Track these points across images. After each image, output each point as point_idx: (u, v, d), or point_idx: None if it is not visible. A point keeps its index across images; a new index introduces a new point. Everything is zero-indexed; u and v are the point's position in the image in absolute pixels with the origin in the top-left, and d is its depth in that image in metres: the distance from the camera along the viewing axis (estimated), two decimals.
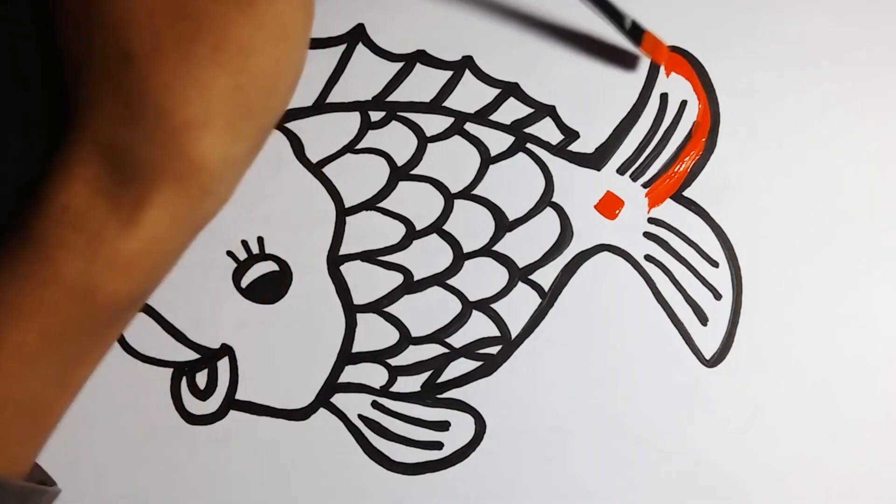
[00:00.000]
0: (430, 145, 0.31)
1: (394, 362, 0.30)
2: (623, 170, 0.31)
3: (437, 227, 0.31)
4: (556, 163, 0.31)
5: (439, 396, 0.30)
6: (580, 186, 0.31)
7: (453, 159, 0.31)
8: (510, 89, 0.31)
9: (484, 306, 0.30)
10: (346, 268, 0.30)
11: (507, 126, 0.31)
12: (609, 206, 0.31)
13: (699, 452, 0.30)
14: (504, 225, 0.31)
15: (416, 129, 0.31)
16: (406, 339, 0.30)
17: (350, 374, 0.30)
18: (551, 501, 0.30)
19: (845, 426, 0.30)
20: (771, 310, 0.30)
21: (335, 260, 0.30)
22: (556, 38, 0.31)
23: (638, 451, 0.30)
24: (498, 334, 0.30)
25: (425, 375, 0.30)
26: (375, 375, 0.30)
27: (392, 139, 0.31)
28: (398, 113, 0.31)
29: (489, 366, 0.30)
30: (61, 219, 0.23)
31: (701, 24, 0.31)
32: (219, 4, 0.23)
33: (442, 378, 0.30)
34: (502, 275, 0.31)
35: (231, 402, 0.30)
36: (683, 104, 0.31)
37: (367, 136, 0.31)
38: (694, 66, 0.31)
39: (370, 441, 0.30)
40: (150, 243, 0.24)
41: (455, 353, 0.30)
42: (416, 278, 0.30)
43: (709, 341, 0.30)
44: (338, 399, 0.30)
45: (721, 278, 0.31)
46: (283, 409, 0.30)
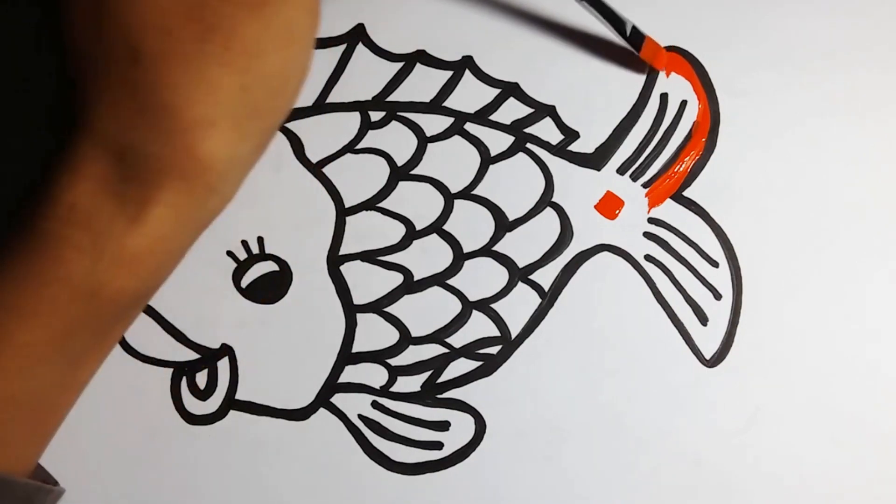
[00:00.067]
0: (430, 145, 0.31)
1: (394, 362, 0.30)
2: (623, 170, 0.31)
3: (437, 227, 0.31)
4: (556, 163, 0.31)
5: (439, 396, 0.30)
6: (580, 186, 0.31)
7: (453, 159, 0.31)
8: (510, 89, 0.31)
9: (484, 306, 0.30)
10: (346, 268, 0.30)
11: (507, 126, 0.31)
12: (609, 206, 0.31)
13: (699, 452, 0.30)
14: (504, 225, 0.31)
15: (416, 129, 0.31)
16: (406, 339, 0.30)
17: (350, 374, 0.30)
18: (551, 501, 0.30)
19: (845, 426, 0.30)
20: (771, 310, 0.30)
21: (335, 260, 0.30)
22: (556, 38, 0.31)
23: (638, 451, 0.30)
24: (498, 334, 0.30)
25: (425, 375, 0.30)
26: (375, 375, 0.30)
27: (392, 139, 0.31)
28: (398, 113, 0.31)
29: (489, 366, 0.30)
30: (68, 217, 0.23)
31: (701, 24, 0.31)
32: (230, 6, 0.23)
33: (442, 378, 0.30)
34: (502, 275, 0.31)
35: (231, 402, 0.30)
36: (683, 104, 0.31)
37: (367, 136, 0.31)
38: (694, 66, 0.31)
39: (370, 441, 0.30)
40: (156, 242, 0.24)
41: (455, 353, 0.30)
42: (416, 278, 0.30)
43: (709, 341, 0.30)
44: (338, 399, 0.30)
45: (721, 278, 0.31)
46: (283, 409, 0.30)
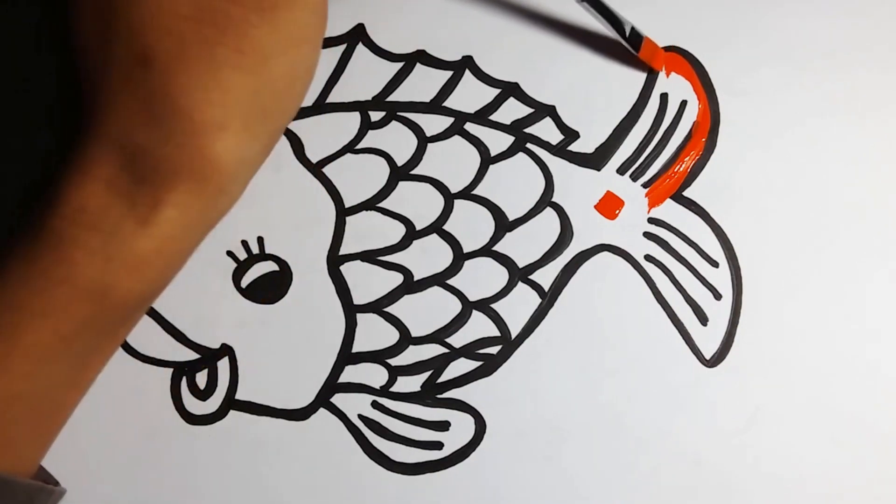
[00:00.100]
0: (430, 145, 0.31)
1: (394, 362, 0.30)
2: (623, 170, 0.31)
3: (437, 227, 0.31)
4: (556, 163, 0.31)
5: (439, 396, 0.30)
6: (580, 186, 0.31)
7: (453, 159, 0.31)
8: (510, 89, 0.31)
9: (484, 306, 0.30)
10: (346, 268, 0.30)
11: (507, 126, 0.31)
12: (609, 206, 0.31)
13: (699, 452, 0.30)
14: (504, 225, 0.31)
15: (416, 129, 0.31)
16: (406, 339, 0.30)
17: (350, 374, 0.30)
18: (551, 501, 0.30)
19: (845, 426, 0.30)
20: (771, 310, 0.30)
21: (335, 260, 0.30)
22: (556, 38, 0.31)
23: (638, 451, 0.30)
24: (498, 334, 0.30)
25: (425, 375, 0.30)
26: (375, 375, 0.30)
27: (392, 139, 0.31)
28: (398, 113, 0.31)
29: (489, 366, 0.30)
30: (77, 218, 0.23)
31: (701, 24, 0.31)
32: (241, 9, 0.23)
33: (442, 378, 0.30)
34: (502, 275, 0.31)
35: (231, 402, 0.30)
36: (683, 104, 0.31)
37: (367, 136, 0.31)
38: (694, 66, 0.31)
39: (370, 441, 0.30)
40: (165, 243, 0.24)
41: (455, 353, 0.30)
42: (416, 278, 0.30)
43: (709, 341, 0.30)
44: (338, 399, 0.30)
45: (721, 278, 0.31)
46: (283, 409, 0.30)
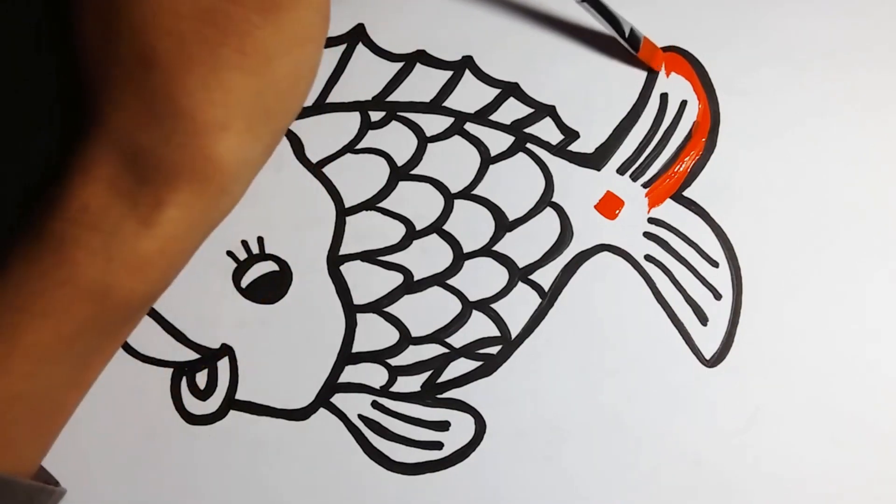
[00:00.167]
0: (430, 145, 0.31)
1: (394, 362, 0.30)
2: (623, 170, 0.31)
3: (437, 227, 0.31)
4: (556, 163, 0.31)
5: (439, 396, 0.30)
6: (580, 186, 0.31)
7: (453, 159, 0.31)
8: (510, 89, 0.31)
9: (484, 306, 0.30)
10: (346, 268, 0.30)
11: (507, 126, 0.31)
12: (609, 206, 0.31)
13: (699, 452, 0.30)
14: (504, 225, 0.31)
15: (416, 129, 0.31)
16: (406, 339, 0.30)
17: (350, 374, 0.30)
18: (551, 501, 0.30)
19: (845, 426, 0.30)
20: (771, 310, 0.30)
21: (335, 260, 0.30)
22: (556, 38, 0.31)
23: (638, 451, 0.30)
24: (498, 334, 0.30)
25: (425, 375, 0.30)
26: (375, 375, 0.30)
27: (392, 139, 0.31)
28: (398, 113, 0.31)
29: (489, 366, 0.30)
30: (79, 219, 0.23)
31: (701, 24, 0.31)
32: (244, 10, 0.23)
33: (442, 378, 0.30)
34: (502, 275, 0.31)
35: (231, 402, 0.30)
36: (683, 104, 0.31)
37: (367, 136, 0.31)
38: (694, 66, 0.31)
39: (370, 441, 0.30)
40: (167, 243, 0.24)
41: (455, 353, 0.30)
42: (416, 278, 0.30)
43: (709, 341, 0.30)
44: (338, 399, 0.30)
45: (721, 278, 0.31)
46: (283, 409, 0.30)
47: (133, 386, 0.30)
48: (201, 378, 0.30)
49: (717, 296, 0.31)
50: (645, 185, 0.31)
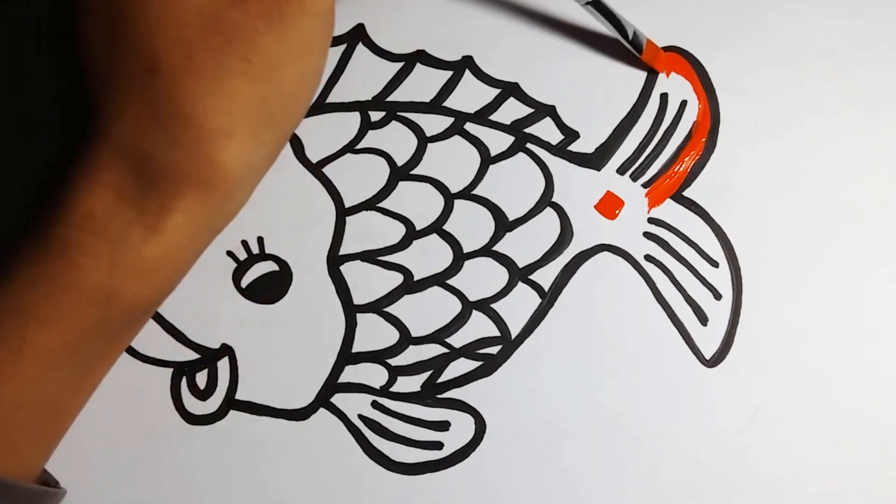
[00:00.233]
0: (430, 145, 0.31)
1: (394, 362, 0.30)
2: (623, 170, 0.31)
3: (437, 227, 0.31)
4: (556, 163, 0.31)
5: (439, 396, 0.30)
6: (580, 186, 0.31)
7: (453, 159, 0.31)
8: (510, 89, 0.31)
9: (484, 306, 0.30)
10: (346, 268, 0.30)
11: (507, 126, 0.31)
12: (609, 206, 0.31)
13: (699, 452, 0.30)
14: (504, 225, 0.31)
15: (416, 129, 0.31)
16: (406, 339, 0.30)
17: (350, 374, 0.30)
18: (551, 501, 0.30)
19: (845, 426, 0.30)
20: (771, 310, 0.30)
21: (335, 260, 0.30)
22: (556, 38, 0.31)
23: (638, 451, 0.30)
24: (498, 334, 0.30)
25: (425, 375, 0.30)
26: (375, 375, 0.30)
27: (392, 139, 0.31)
28: (398, 113, 0.31)
29: (489, 366, 0.30)
30: (85, 225, 0.23)
31: (701, 24, 0.31)
32: (249, 18, 0.23)
33: (442, 378, 0.30)
34: (502, 275, 0.31)
35: (231, 402, 0.30)
36: (683, 104, 0.31)
37: (367, 136, 0.31)
38: (694, 66, 0.31)
39: (370, 441, 0.30)
40: (172, 249, 0.24)
41: (455, 353, 0.30)
42: (416, 278, 0.30)
43: (709, 341, 0.30)
44: (338, 399, 0.30)
45: (721, 278, 0.31)
46: (283, 409, 0.30)
47: (133, 386, 0.30)
48: (201, 378, 0.30)
49: (717, 296, 0.31)
50: (645, 185, 0.31)
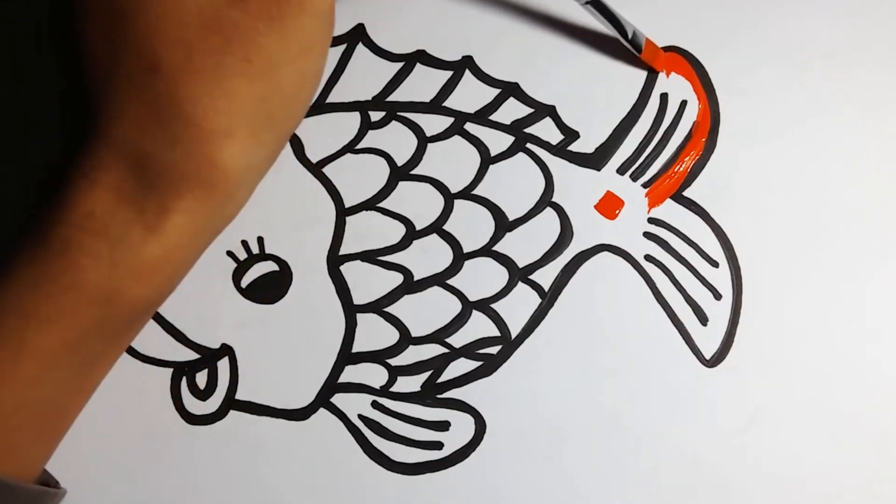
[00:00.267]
0: (430, 145, 0.31)
1: (394, 362, 0.30)
2: (623, 170, 0.31)
3: (437, 227, 0.31)
4: (556, 163, 0.31)
5: (439, 396, 0.30)
6: (580, 186, 0.31)
7: (453, 159, 0.31)
8: (510, 89, 0.31)
9: (484, 306, 0.30)
10: (346, 268, 0.30)
11: (507, 126, 0.31)
12: (609, 206, 0.31)
13: (699, 452, 0.30)
14: (504, 225, 0.31)
15: (416, 129, 0.31)
16: (406, 339, 0.30)
17: (350, 374, 0.30)
18: (551, 501, 0.30)
19: (845, 426, 0.30)
20: (771, 310, 0.30)
21: (335, 260, 0.30)
22: (556, 38, 0.31)
23: (638, 451, 0.30)
24: (498, 334, 0.30)
25: (425, 375, 0.30)
26: (375, 375, 0.30)
27: (392, 139, 0.31)
28: (398, 113, 0.31)
29: (489, 366, 0.30)
30: (85, 225, 0.23)
31: (701, 24, 0.31)
32: (249, 18, 0.23)
33: (442, 378, 0.30)
34: (502, 275, 0.31)
35: (231, 402, 0.30)
36: (683, 104, 0.31)
37: (367, 136, 0.31)
38: (694, 66, 0.31)
39: (370, 441, 0.30)
40: (172, 249, 0.24)
41: (455, 353, 0.30)
42: (416, 278, 0.30)
43: (709, 341, 0.30)
44: (338, 399, 0.30)
45: (721, 278, 0.31)
46: (283, 409, 0.30)
47: (133, 386, 0.30)
48: (201, 378, 0.30)
49: (717, 296, 0.31)
50: (645, 185, 0.31)
